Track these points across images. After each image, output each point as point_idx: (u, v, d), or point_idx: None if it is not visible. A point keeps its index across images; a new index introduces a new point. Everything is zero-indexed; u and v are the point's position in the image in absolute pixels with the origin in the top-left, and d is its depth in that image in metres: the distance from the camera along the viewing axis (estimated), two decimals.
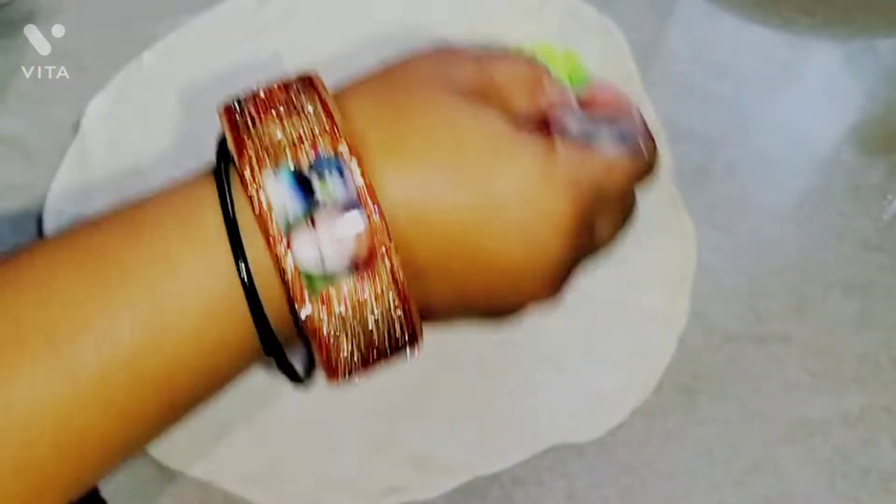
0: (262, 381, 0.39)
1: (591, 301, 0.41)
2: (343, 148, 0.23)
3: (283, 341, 0.25)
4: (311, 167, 0.23)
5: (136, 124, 0.45)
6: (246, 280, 0.23)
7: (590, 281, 0.41)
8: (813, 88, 0.49)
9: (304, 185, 0.23)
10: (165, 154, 0.44)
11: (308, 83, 0.26)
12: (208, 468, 0.37)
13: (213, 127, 0.46)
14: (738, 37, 0.51)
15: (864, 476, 0.38)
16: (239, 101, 0.26)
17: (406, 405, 0.39)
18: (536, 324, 0.40)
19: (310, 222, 0.23)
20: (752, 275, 0.43)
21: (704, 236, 0.43)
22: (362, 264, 0.23)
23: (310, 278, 0.23)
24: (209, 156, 0.45)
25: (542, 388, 0.39)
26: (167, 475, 0.38)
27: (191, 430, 0.38)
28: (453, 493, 0.37)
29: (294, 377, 0.27)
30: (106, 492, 0.37)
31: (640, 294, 0.41)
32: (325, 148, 0.23)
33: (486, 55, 0.29)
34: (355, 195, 0.23)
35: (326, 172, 0.23)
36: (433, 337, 0.40)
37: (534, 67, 0.29)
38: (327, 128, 0.24)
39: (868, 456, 0.39)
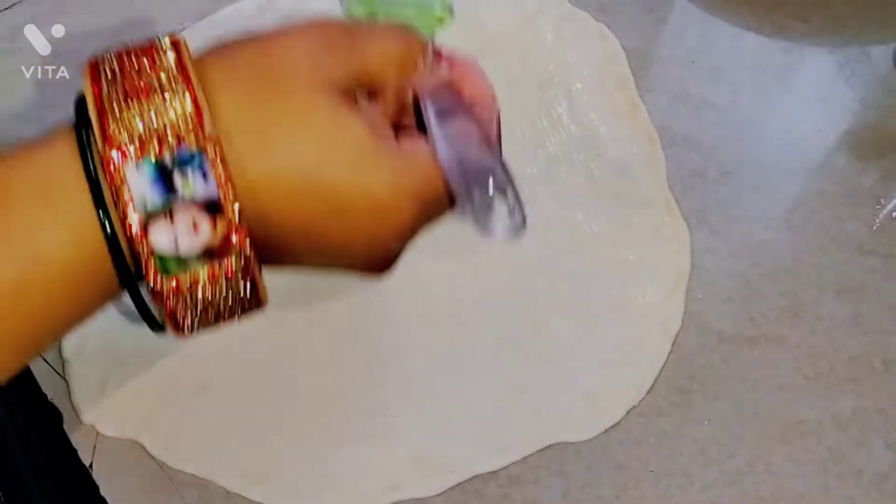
0: (260, 381, 0.40)
1: (588, 302, 0.41)
2: (209, 146, 0.24)
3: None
4: (174, 161, 0.24)
5: None
6: (109, 233, 0.24)
7: (586, 283, 0.42)
8: (807, 94, 0.50)
9: (165, 177, 0.24)
10: None
11: (178, 62, 0.26)
12: (208, 466, 0.38)
13: None
14: (733, 43, 0.51)
15: (858, 477, 0.39)
16: (107, 72, 0.26)
17: (405, 404, 0.39)
18: (534, 325, 0.41)
19: (168, 215, 0.24)
20: (747, 277, 0.43)
21: (699, 239, 0.44)
22: (216, 254, 0.25)
23: (163, 259, 0.24)
24: None
25: (539, 388, 0.39)
26: (167, 474, 0.38)
27: (190, 429, 0.39)
28: (451, 491, 0.37)
29: (152, 323, 0.28)
30: (106, 490, 0.38)
31: (635, 296, 0.42)
32: (189, 144, 0.24)
33: (361, 31, 0.29)
34: (216, 194, 0.24)
35: (189, 169, 0.24)
36: (434, 337, 0.41)
37: (409, 43, 0.30)
38: (193, 124, 0.24)
39: (861, 457, 0.39)
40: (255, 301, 0.27)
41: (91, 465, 0.38)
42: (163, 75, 0.25)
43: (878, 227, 0.45)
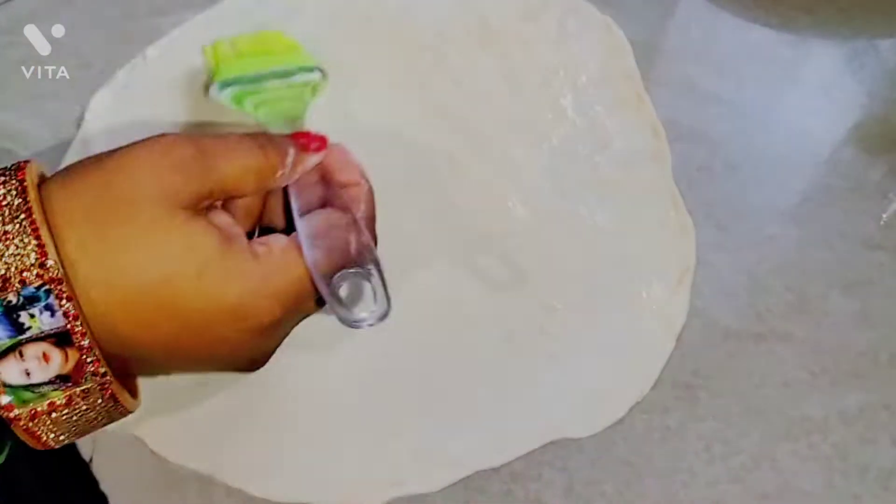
0: (260, 376, 0.39)
1: (591, 297, 0.41)
2: (52, 284, 0.24)
3: None
4: (19, 299, 0.24)
5: (139, 120, 0.45)
6: None
7: (590, 277, 0.42)
8: (814, 87, 0.49)
9: (12, 316, 0.24)
10: None
11: (21, 194, 0.25)
12: (209, 462, 0.38)
13: (216, 123, 0.46)
14: (740, 36, 0.51)
15: (863, 474, 0.38)
16: None
17: (407, 400, 0.39)
18: (537, 320, 0.40)
19: (18, 354, 0.24)
20: (753, 273, 0.43)
21: (705, 234, 0.43)
22: (72, 380, 0.25)
23: (16, 390, 0.25)
24: None
25: (542, 384, 0.39)
26: (168, 469, 0.38)
27: (191, 424, 0.38)
28: (454, 488, 0.37)
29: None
30: (106, 486, 0.37)
31: (639, 290, 0.41)
32: (33, 282, 0.24)
33: (214, 150, 0.29)
34: (64, 327, 0.25)
35: (36, 306, 0.24)
36: (436, 332, 0.40)
37: (266, 155, 0.30)
38: (36, 262, 0.24)
39: (867, 454, 0.39)
40: (119, 411, 0.28)
41: (91, 460, 0.38)
42: (6, 212, 0.25)
43: (886, 222, 0.44)
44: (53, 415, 0.26)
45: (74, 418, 0.26)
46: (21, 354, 0.25)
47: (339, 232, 0.30)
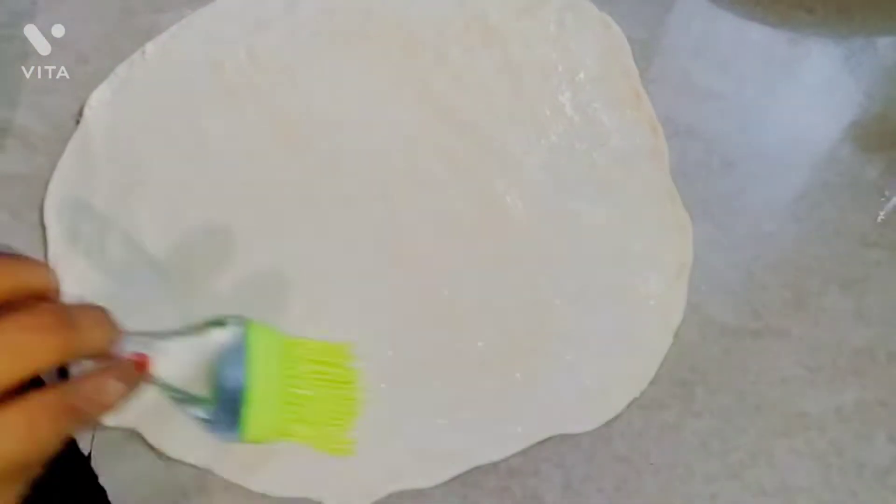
0: None
1: (589, 294, 0.41)
2: None
3: None
4: None
5: (138, 114, 0.45)
6: None
7: (588, 273, 0.42)
8: (812, 86, 0.49)
9: None
10: (166, 144, 0.44)
11: None
12: (207, 456, 0.38)
13: (214, 119, 0.46)
14: (738, 33, 0.51)
15: (860, 470, 0.38)
16: None
17: (406, 395, 0.39)
18: (535, 316, 0.40)
19: None
20: (750, 269, 0.43)
21: (702, 231, 0.43)
22: None
23: None
24: (209, 147, 0.46)
25: (540, 380, 0.39)
26: (166, 463, 0.38)
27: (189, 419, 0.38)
28: (451, 482, 0.37)
29: None
30: (105, 480, 0.37)
31: (637, 287, 0.41)
32: None
33: None
34: None
35: None
36: (434, 327, 0.40)
37: None
38: None
39: (863, 450, 0.39)
40: None
41: (90, 455, 0.38)
42: None
43: (883, 220, 0.44)
44: None
45: None
46: None
47: None
